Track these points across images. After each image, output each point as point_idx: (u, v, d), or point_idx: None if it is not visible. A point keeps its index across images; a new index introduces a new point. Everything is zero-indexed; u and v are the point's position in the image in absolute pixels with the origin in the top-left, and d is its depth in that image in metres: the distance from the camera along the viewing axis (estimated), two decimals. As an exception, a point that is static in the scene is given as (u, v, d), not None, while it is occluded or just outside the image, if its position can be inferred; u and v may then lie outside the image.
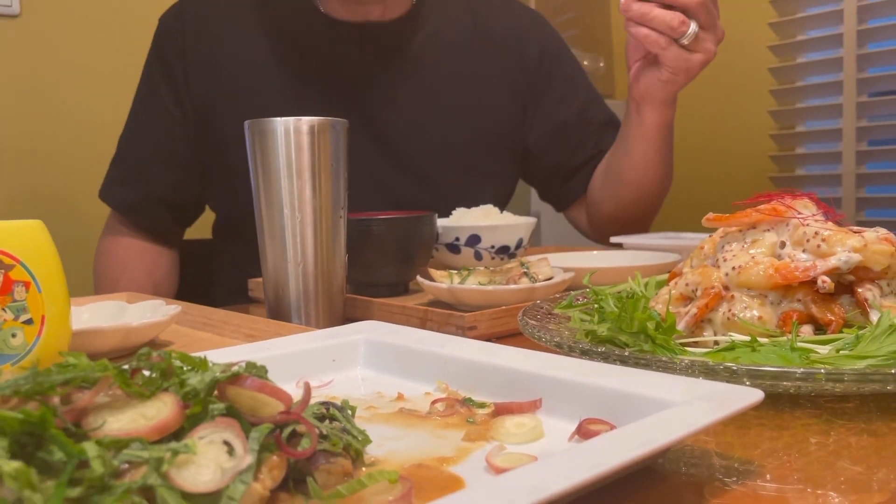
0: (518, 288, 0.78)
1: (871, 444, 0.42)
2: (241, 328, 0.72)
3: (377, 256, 0.90)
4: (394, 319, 0.77)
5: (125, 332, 0.62)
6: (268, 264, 0.76)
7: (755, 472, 0.39)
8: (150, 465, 0.29)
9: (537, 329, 0.57)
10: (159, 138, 1.21)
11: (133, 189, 1.22)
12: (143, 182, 1.22)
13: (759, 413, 0.47)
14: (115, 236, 1.25)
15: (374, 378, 0.55)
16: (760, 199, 0.62)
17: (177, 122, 1.20)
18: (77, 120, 1.84)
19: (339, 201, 0.77)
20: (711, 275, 0.58)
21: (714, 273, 0.58)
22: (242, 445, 0.31)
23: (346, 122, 0.77)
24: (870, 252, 0.54)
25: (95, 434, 0.30)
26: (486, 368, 0.49)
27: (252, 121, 0.75)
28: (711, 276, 0.58)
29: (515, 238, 1.02)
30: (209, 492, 0.29)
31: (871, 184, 2.32)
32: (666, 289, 0.62)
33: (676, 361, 0.46)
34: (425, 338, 0.56)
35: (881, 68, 2.26)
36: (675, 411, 0.37)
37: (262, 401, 0.34)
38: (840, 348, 0.49)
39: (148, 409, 0.32)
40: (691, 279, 0.60)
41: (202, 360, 0.34)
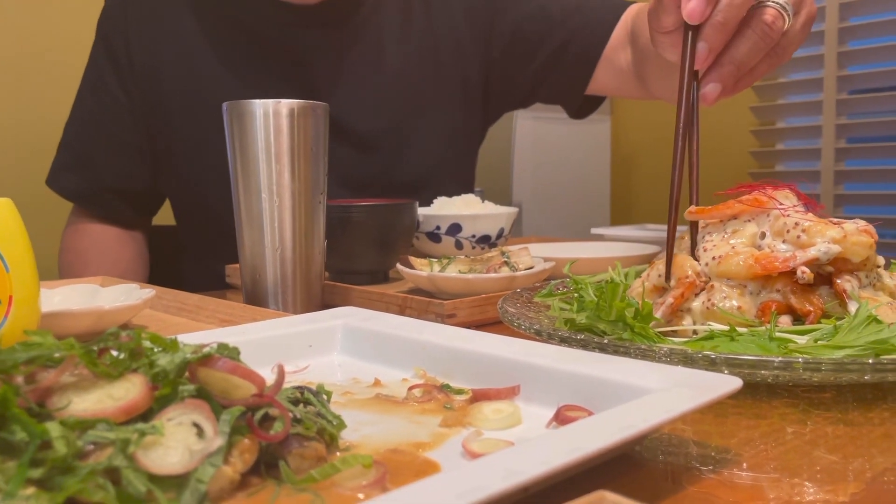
0: (498, 276, 0.77)
1: (847, 434, 0.42)
2: (216, 313, 0.71)
3: (357, 243, 0.89)
4: (373, 307, 0.76)
5: (97, 315, 0.60)
6: (245, 249, 0.75)
7: (732, 460, 0.39)
8: (115, 447, 0.28)
9: (516, 317, 0.57)
10: (106, 124, 1.18)
11: (80, 176, 1.19)
12: (90, 169, 1.19)
13: (737, 402, 0.47)
14: (76, 230, 1.22)
15: (351, 364, 0.54)
16: (742, 189, 0.62)
17: (123, 108, 1.17)
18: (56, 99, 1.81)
19: (318, 186, 0.76)
20: (685, 263, 0.58)
21: (688, 261, 0.58)
22: (212, 427, 0.30)
23: (327, 106, 0.76)
24: (849, 243, 0.54)
25: (60, 414, 0.30)
26: (464, 355, 0.49)
27: (230, 102, 0.74)
28: (685, 265, 0.58)
29: (497, 227, 1.01)
30: (177, 474, 0.28)
31: (850, 181, 2.34)
32: (639, 280, 0.62)
33: (655, 349, 0.46)
34: (403, 324, 0.56)
35: (861, 66, 2.28)
36: (652, 398, 0.37)
37: (234, 383, 0.33)
38: (818, 338, 0.49)
39: (115, 389, 0.31)
40: (664, 269, 0.60)
41: (172, 341, 0.33)
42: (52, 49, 1.87)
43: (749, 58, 0.66)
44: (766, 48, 0.67)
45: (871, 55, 2.25)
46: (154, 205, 1.28)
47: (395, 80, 1.19)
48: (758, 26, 0.65)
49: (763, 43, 0.66)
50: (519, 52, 1.24)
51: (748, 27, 0.65)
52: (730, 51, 0.65)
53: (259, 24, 1.14)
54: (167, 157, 1.18)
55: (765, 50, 0.67)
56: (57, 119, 1.25)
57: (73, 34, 1.81)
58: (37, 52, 1.87)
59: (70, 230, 1.23)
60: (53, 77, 1.85)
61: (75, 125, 1.21)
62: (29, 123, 1.85)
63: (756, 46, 0.66)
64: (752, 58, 0.66)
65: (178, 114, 1.15)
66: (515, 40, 1.24)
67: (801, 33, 0.70)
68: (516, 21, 1.23)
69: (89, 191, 1.19)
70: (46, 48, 1.88)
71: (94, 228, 1.21)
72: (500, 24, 1.24)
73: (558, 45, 1.21)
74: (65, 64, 1.81)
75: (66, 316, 0.59)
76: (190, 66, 1.14)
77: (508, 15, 1.24)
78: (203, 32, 1.15)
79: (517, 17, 1.23)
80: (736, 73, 0.66)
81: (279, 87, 1.05)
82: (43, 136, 1.66)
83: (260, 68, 1.14)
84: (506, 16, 1.24)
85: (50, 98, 1.82)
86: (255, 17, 1.14)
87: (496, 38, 1.25)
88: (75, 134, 1.21)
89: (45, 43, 1.88)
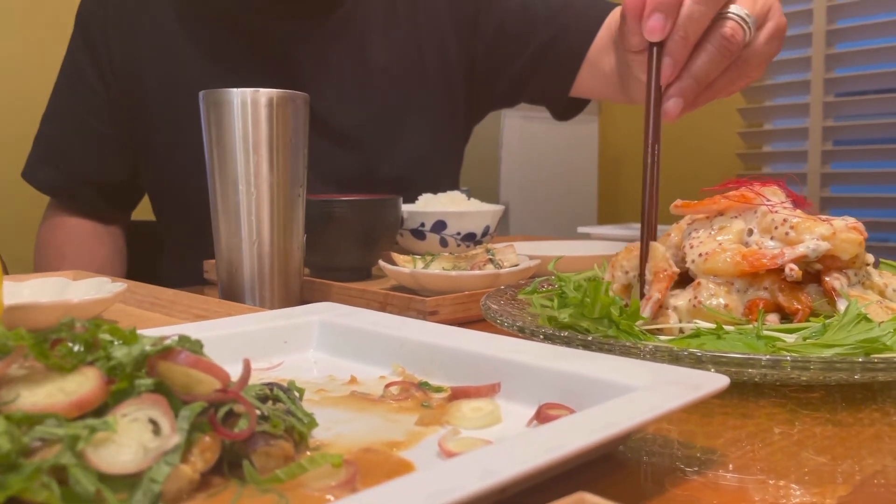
0: (482, 273, 0.76)
1: (836, 435, 0.41)
2: (190, 308, 0.69)
3: (339, 239, 0.87)
4: (353, 303, 0.74)
5: (65, 308, 0.58)
6: (221, 243, 0.73)
7: (717, 461, 0.38)
8: (64, 443, 0.26)
9: (499, 314, 0.55)
10: (84, 116, 1.16)
11: (56, 169, 1.16)
12: (66, 161, 1.16)
13: (724, 401, 0.46)
14: (52, 224, 1.19)
15: (327, 361, 0.52)
16: (729, 185, 0.60)
17: (102, 100, 1.15)
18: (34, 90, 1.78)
19: (297, 179, 0.74)
20: (657, 255, 0.56)
21: (659, 251, 0.56)
22: (170, 424, 0.28)
23: (307, 96, 0.74)
24: (838, 240, 0.53)
25: (7, 408, 0.28)
26: (444, 352, 0.47)
27: (207, 91, 0.72)
28: (658, 258, 0.56)
29: (482, 225, 1.00)
30: (129, 473, 0.26)
31: (836, 183, 2.34)
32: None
33: (640, 347, 0.45)
34: (382, 320, 0.54)
35: (849, 69, 2.28)
36: (636, 396, 0.36)
37: (196, 377, 0.31)
38: (807, 337, 0.48)
39: (68, 383, 0.29)
40: (628, 264, 0.58)
41: (131, 333, 0.32)
42: (29, 40, 1.84)
43: (707, 71, 0.65)
44: (725, 61, 0.66)
45: (858, 58, 2.25)
46: (132, 199, 1.25)
47: (378, 74, 1.18)
48: (716, 39, 0.64)
49: (721, 56, 0.65)
50: (502, 50, 1.22)
51: (707, 40, 0.64)
52: (689, 65, 0.64)
53: (240, 14, 1.12)
54: (146, 150, 1.16)
55: (724, 63, 0.66)
56: (33, 110, 1.22)
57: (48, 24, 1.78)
58: (12, 43, 1.83)
59: (46, 225, 1.20)
60: (30, 68, 1.82)
61: (52, 117, 1.18)
62: (4, 115, 1.82)
63: (714, 60, 0.65)
64: (710, 71, 0.65)
65: (157, 106, 1.12)
66: (499, 38, 1.22)
67: (766, 46, 0.69)
68: (500, 19, 1.21)
69: (66, 184, 1.17)
70: (22, 40, 1.84)
71: (70, 223, 1.18)
72: (483, 21, 1.23)
73: (542, 45, 1.19)
74: (42, 54, 1.78)
75: (33, 309, 0.57)
76: (169, 57, 1.12)
77: (492, 13, 1.22)
78: (183, 23, 1.12)
79: (501, 15, 1.21)
80: (696, 88, 0.65)
81: (260, 80, 1.03)
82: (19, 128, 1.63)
83: (240, 60, 1.12)
84: (490, 13, 1.22)
85: (26, 89, 1.79)
86: (237, 8, 1.12)
87: (480, 35, 1.23)
88: (52, 126, 1.18)
89: (20, 35, 1.84)
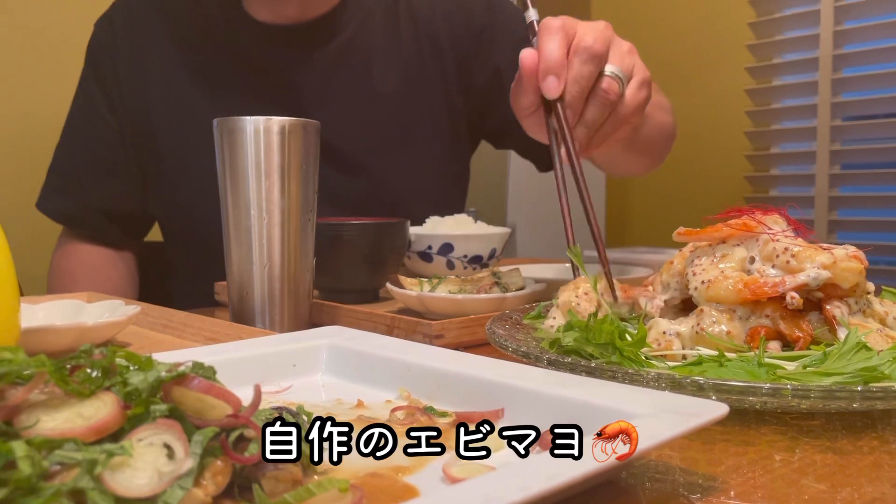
0: (488, 297, 0.77)
1: (836, 462, 0.42)
2: (202, 331, 0.70)
3: (347, 262, 0.89)
4: (361, 326, 0.75)
5: (79, 331, 0.60)
6: (232, 266, 0.75)
7: (719, 488, 0.38)
8: (82, 467, 0.27)
9: (504, 338, 0.56)
10: (95, 146, 1.19)
11: (69, 198, 1.20)
12: (78, 191, 1.19)
13: (725, 429, 0.47)
14: (64, 251, 1.22)
15: (334, 384, 0.53)
16: (731, 213, 0.61)
17: (112, 129, 1.18)
18: (50, 114, 1.81)
19: (308, 204, 0.75)
20: None
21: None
22: (184, 448, 0.29)
23: (318, 124, 0.76)
24: (839, 269, 0.53)
25: (27, 433, 0.29)
26: (449, 377, 0.48)
27: (221, 119, 0.73)
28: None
29: (489, 248, 1.01)
30: (144, 496, 0.27)
31: (844, 207, 2.35)
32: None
33: (643, 374, 0.46)
34: (389, 344, 0.55)
35: (855, 93, 2.30)
36: (639, 423, 0.36)
37: (208, 403, 0.32)
38: (807, 365, 0.49)
39: (86, 408, 0.30)
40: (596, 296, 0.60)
41: (147, 359, 0.33)
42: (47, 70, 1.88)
43: (595, 120, 0.77)
44: (607, 111, 0.77)
45: (865, 82, 2.26)
46: (143, 227, 1.28)
47: (382, 99, 1.19)
48: (597, 93, 0.76)
49: (604, 107, 0.76)
50: (494, 96, 1.24)
51: (592, 94, 0.76)
52: (581, 116, 0.77)
53: (243, 45, 1.15)
54: (155, 179, 1.19)
55: (606, 112, 0.77)
56: (50, 137, 1.25)
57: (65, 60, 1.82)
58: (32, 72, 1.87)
59: (59, 252, 1.23)
60: (47, 96, 1.85)
61: (65, 148, 1.22)
62: (22, 142, 1.85)
63: (599, 110, 0.76)
64: (597, 120, 0.77)
65: (165, 136, 1.15)
66: (492, 84, 1.24)
67: (637, 94, 0.79)
68: (497, 65, 1.23)
69: (78, 212, 1.20)
70: (40, 70, 1.88)
71: (82, 249, 1.21)
72: (482, 57, 1.24)
73: None
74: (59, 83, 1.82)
75: (48, 332, 0.59)
76: (176, 89, 1.15)
77: (492, 55, 1.23)
78: (189, 56, 1.16)
79: (499, 60, 1.23)
80: (588, 134, 0.77)
81: (264, 108, 1.05)
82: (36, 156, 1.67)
83: (245, 90, 1.15)
84: (490, 54, 1.24)
85: (44, 115, 1.82)
86: (239, 39, 1.15)
87: (477, 70, 1.24)
88: (65, 157, 1.22)
89: (39, 64, 1.88)
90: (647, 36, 2.70)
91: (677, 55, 2.62)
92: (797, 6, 2.38)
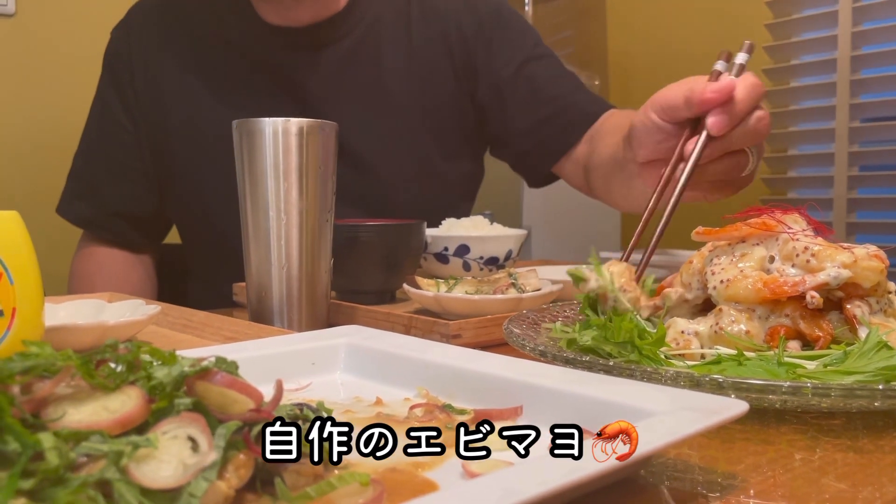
0: (505, 298, 0.77)
1: (857, 462, 0.41)
2: (221, 330, 0.70)
3: (364, 263, 0.89)
4: (378, 326, 0.76)
5: (101, 330, 0.60)
6: (251, 267, 0.75)
7: (738, 486, 0.38)
8: (108, 459, 0.28)
9: (521, 338, 0.56)
10: (113, 151, 1.21)
11: (88, 203, 1.21)
12: (97, 195, 1.21)
13: (745, 427, 0.47)
14: (84, 255, 1.24)
15: (353, 382, 0.54)
16: (750, 213, 0.61)
17: (129, 134, 1.20)
18: (71, 118, 1.83)
19: (325, 205, 0.76)
20: None
21: None
22: (207, 442, 0.30)
23: (335, 125, 0.76)
24: (859, 268, 0.53)
25: (54, 425, 0.29)
26: (467, 375, 0.48)
27: (240, 121, 0.74)
28: None
29: (505, 249, 1.01)
30: (169, 488, 0.28)
31: (862, 209, 2.32)
32: None
33: (661, 372, 0.46)
34: (407, 343, 0.55)
35: (874, 94, 2.27)
36: (657, 420, 0.36)
37: (231, 397, 0.33)
38: (827, 364, 0.48)
39: (112, 401, 0.31)
40: None
41: (171, 354, 0.33)
42: (65, 78, 1.90)
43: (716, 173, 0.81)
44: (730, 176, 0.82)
45: (883, 83, 2.24)
46: (161, 230, 1.30)
47: (393, 100, 1.20)
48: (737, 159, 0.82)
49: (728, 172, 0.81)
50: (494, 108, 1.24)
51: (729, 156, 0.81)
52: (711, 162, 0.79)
53: (256, 48, 1.16)
54: (171, 182, 1.20)
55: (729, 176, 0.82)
56: (71, 141, 1.27)
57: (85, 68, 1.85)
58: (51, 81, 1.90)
59: (79, 255, 1.25)
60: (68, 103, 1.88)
61: (83, 154, 1.24)
62: (45, 146, 1.87)
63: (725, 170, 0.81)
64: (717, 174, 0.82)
65: (181, 139, 1.17)
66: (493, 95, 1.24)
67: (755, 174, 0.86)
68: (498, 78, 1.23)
69: (96, 217, 1.22)
70: (62, 78, 1.91)
71: (102, 252, 1.23)
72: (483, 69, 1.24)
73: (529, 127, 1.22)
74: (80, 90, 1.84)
75: (71, 330, 0.59)
76: (191, 93, 1.17)
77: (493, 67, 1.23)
78: (203, 60, 1.17)
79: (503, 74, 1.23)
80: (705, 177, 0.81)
81: (279, 109, 1.06)
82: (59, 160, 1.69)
83: (259, 92, 1.16)
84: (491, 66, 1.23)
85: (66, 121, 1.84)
86: (252, 42, 1.16)
87: (482, 76, 1.24)
88: (83, 162, 1.24)
89: (61, 72, 1.91)
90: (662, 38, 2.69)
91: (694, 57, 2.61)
92: (815, 7, 2.36)
